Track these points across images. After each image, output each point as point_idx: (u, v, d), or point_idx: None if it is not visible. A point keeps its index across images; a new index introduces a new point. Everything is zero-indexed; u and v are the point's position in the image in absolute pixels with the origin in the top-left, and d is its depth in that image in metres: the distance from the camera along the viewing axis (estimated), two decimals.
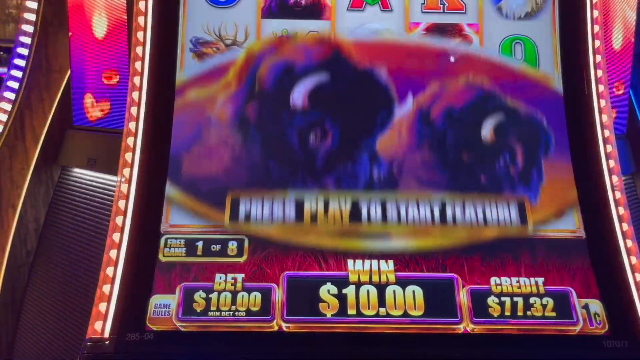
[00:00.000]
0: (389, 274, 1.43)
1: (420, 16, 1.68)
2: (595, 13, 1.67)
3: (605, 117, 1.60)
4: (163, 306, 1.36)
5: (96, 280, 1.40)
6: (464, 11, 1.69)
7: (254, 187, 1.52)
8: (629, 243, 1.47)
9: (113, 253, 1.40)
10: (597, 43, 1.66)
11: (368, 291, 1.41)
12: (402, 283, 1.42)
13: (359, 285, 1.41)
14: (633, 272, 1.44)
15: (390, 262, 1.45)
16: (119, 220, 1.44)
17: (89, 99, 2.08)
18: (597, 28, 1.66)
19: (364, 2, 1.67)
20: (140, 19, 1.59)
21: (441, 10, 1.69)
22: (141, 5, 1.60)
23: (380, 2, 1.68)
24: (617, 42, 2.14)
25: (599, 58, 1.64)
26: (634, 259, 1.45)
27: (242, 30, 1.64)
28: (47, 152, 2.22)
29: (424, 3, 1.69)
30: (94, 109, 2.07)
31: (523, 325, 1.38)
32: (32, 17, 2.17)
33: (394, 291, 1.41)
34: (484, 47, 1.67)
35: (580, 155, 1.58)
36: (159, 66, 1.57)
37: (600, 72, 1.64)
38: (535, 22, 1.69)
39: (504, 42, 1.67)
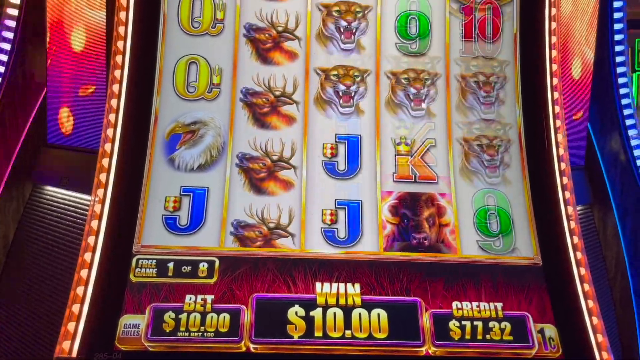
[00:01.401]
0: (355, 297, 1.48)
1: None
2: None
3: (562, 151, 1.70)
4: (132, 326, 1.38)
5: (65, 299, 1.41)
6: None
7: None
8: (582, 271, 1.55)
9: (84, 272, 1.42)
10: (555, 80, 1.76)
11: (335, 313, 1.45)
12: (368, 306, 1.47)
13: (326, 307, 1.46)
14: (585, 299, 1.52)
15: (357, 286, 1.50)
16: (91, 240, 1.45)
17: (64, 112, 2.09)
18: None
19: None
20: (120, 44, 1.64)
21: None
22: (121, 30, 1.64)
23: None
24: (575, 73, 2.26)
25: (556, 95, 1.75)
26: (586, 286, 1.53)
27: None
28: (20, 169, 2.21)
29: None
30: (69, 122, 2.08)
31: (482, 348, 1.44)
32: (9, 35, 2.18)
33: (360, 314, 1.46)
34: None
35: (537, 187, 1.66)
36: (136, 90, 1.60)
37: (557, 108, 1.74)
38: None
39: None
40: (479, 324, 1.47)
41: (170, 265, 1.48)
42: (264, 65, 1.70)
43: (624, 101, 2.41)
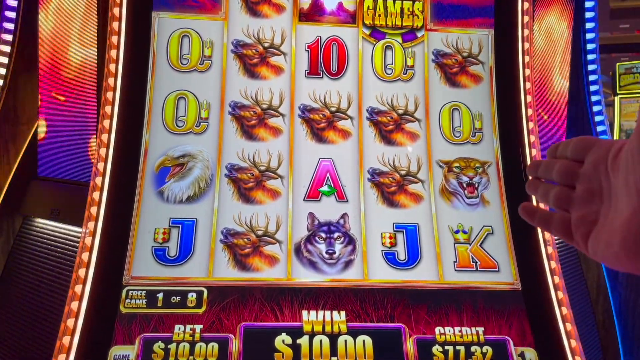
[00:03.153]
0: (340, 324, 1.52)
1: None
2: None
3: None
4: (122, 357, 1.41)
5: (55, 331, 1.44)
6: None
7: None
8: (560, 294, 1.60)
9: (75, 305, 1.45)
10: (530, 111, 1.84)
11: (321, 341, 1.48)
12: (353, 333, 1.51)
13: (312, 335, 1.49)
14: (564, 322, 1.56)
15: (342, 313, 1.54)
16: (81, 272, 1.49)
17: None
18: (529, 98, 1.84)
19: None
20: (110, 80, 1.69)
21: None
22: (111, 67, 1.70)
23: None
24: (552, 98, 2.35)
25: (531, 125, 1.82)
26: (564, 310, 1.58)
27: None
28: (10, 202, 2.24)
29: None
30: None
31: None
32: (2, 70, 2.24)
33: (345, 341, 1.49)
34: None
35: (515, 215, 1.72)
36: (125, 125, 1.65)
37: (533, 137, 1.81)
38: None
39: None
40: (462, 348, 1.51)
41: (160, 295, 1.51)
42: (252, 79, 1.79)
43: (599, 128, 2.51)
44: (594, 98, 2.50)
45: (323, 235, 1.64)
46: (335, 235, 1.64)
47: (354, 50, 1.84)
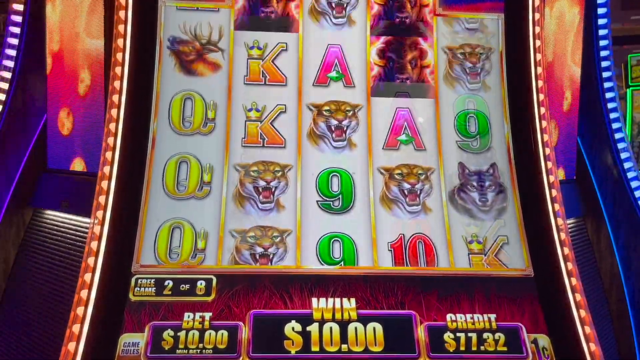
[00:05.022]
0: (351, 311, 1.51)
1: None
2: (539, 70, 1.84)
3: (550, 164, 1.74)
4: (132, 344, 1.40)
5: (66, 320, 1.44)
6: None
7: None
8: (574, 281, 1.58)
9: (84, 293, 1.44)
10: (542, 96, 1.81)
11: (331, 328, 1.47)
12: (364, 320, 1.49)
13: (322, 322, 1.48)
14: (577, 309, 1.54)
15: (352, 300, 1.53)
16: (90, 260, 1.48)
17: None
18: (540, 83, 1.82)
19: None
20: (118, 69, 1.69)
21: None
22: (119, 61, 1.69)
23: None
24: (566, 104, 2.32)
25: (543, 110, 1.80)
26: (578, 296, 1.56)
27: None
28: (20, 195, 2.25)
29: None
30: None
31: (477, 359, 1.46)
32: (10, 63, 2.24)
33: (356, 328, 1.48)
34: None
35: (527, 200, 1.70)
36: (133, 114, 1.65)
37: (544, 123, 1.78)
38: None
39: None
40: (473, 335, 1.49)
41: (169, 284, 1.51)
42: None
43: (612, 115, 2.46)
44: (606, 85, 2.45)
45: None
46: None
47: None
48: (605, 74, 2.46)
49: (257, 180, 1.65)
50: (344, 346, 1.45)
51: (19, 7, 2.19)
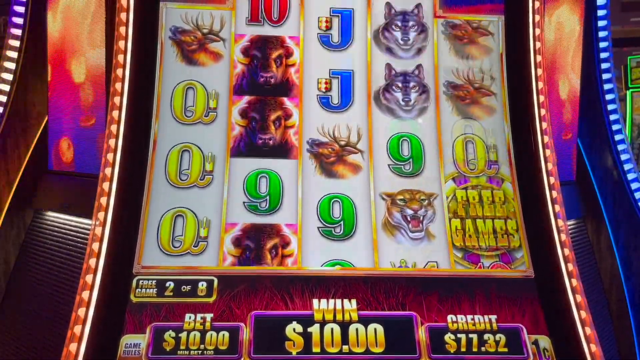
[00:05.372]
0: (352, 312, 1.51)
1: None
2: (539, 72, 1.84)
3: (550, 165, 1.74)
4: (133, 345, 1.41)
5: (67, 321, 1.44)
6: None
7: None
8: (574, 282, 1.58)
9: (85, 294, 1.45)
10: (542, 98, 1.82)
11: (332, 329, 1.47)
12: (364, 321, 1.49)
13: (323, 323, 1.48)
14: (578, 309, 1.54)
15: (353, 301, 1.53)
16: (92, 262, 1.49)
17: (65, 143, 2.13)
18: (540, 85, 1.82)
19: None
20: (119, 71, 1.69)
21: None
22: (120, 58, 1.70)
23: None
24: (563, 93, 2.32)
25: (543, 112, 1.80)
26: (578, 297, 1.56)
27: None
28: (21, 196, 2.25)
29: None
30: (70, 151, 2.12)
31: None
32: (11, 65, 2.25)
33: (357, 329, 1.48)
34: None
35: (528, 201, 1.71)
36: (134, 115, 1.65)
37: (544, 124, 1.79)
38: None
39: None
40: (474, 336, 1.49)
41: (170, 285, 1.51)
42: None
43: (612, 117, 2.47)
44: (606, 86, 2.46)
45: None
46: None
47: None
48: (605, 76, 2.47)
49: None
50: (345, 347, 1.45)
51: (20, 9, 2.20)
